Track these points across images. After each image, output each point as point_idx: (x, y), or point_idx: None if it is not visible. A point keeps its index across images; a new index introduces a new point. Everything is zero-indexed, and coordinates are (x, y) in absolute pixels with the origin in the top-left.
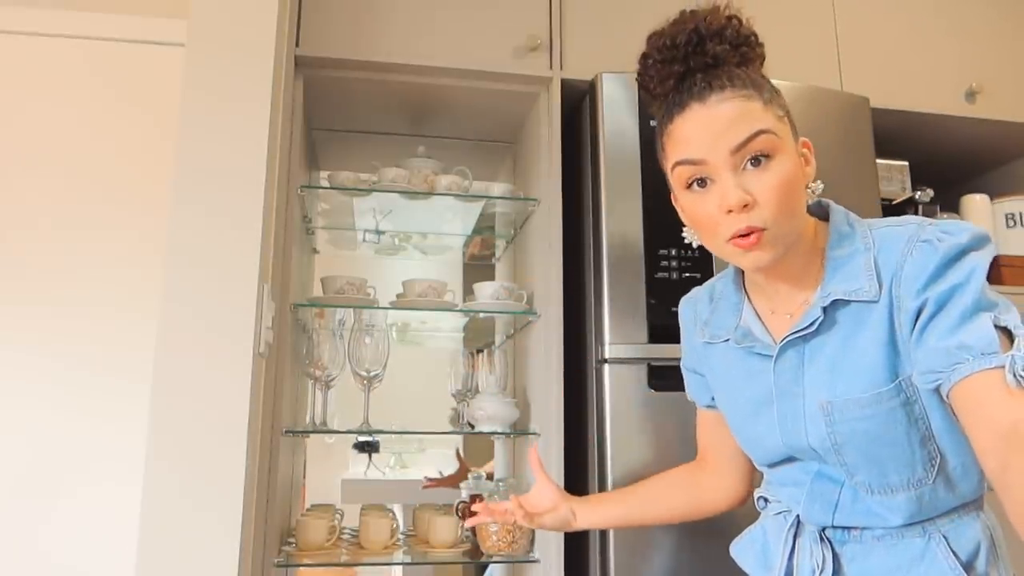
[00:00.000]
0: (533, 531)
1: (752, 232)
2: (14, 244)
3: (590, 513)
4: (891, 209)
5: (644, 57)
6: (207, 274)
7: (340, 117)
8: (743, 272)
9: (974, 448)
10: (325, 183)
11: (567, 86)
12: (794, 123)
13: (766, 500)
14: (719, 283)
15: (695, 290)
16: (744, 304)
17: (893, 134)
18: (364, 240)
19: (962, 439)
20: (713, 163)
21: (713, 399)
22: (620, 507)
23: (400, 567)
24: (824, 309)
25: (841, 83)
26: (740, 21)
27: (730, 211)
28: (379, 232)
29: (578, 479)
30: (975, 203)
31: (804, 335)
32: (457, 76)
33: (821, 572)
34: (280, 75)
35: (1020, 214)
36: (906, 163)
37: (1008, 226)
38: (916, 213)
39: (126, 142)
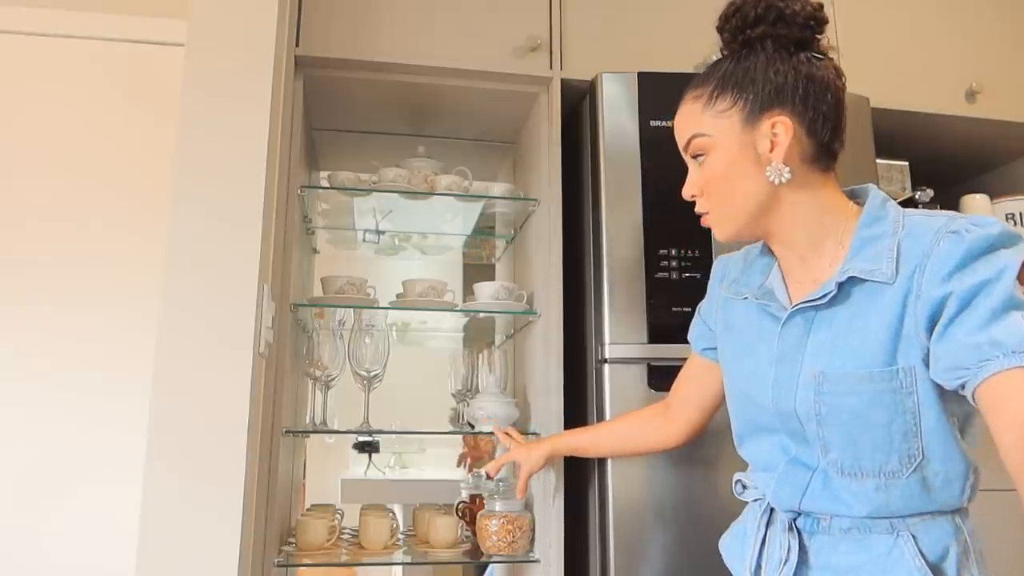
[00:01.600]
0: (533, 531)
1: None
2: (14, 244)
3: (559, 447)
4: None
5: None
6: (207, 274)
7: (340, 117)
8: None
9: (998, 444)
10: (325, 183)
11: (567, 86)
12: (764, 103)
13: (744, 485)
14: (755, 246)
15: (735, 252)
16: (774, 267)
17: (893, 134)
18: (364, 240)
19: (953, 450)
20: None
21: (707, 349)
22: (582, 439)
23: (400, 567)
24: (840, 284)
25: None
26: (753, 7)
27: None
28: (379, 232)
29: (578, 479)
30: (975, 203)
31: (816, 305)
32: (457, 76)
33: (786, 562)
34: (280, 75)
35: (1020, 214)
36: (906, 163)
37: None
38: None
39: (126, 142)
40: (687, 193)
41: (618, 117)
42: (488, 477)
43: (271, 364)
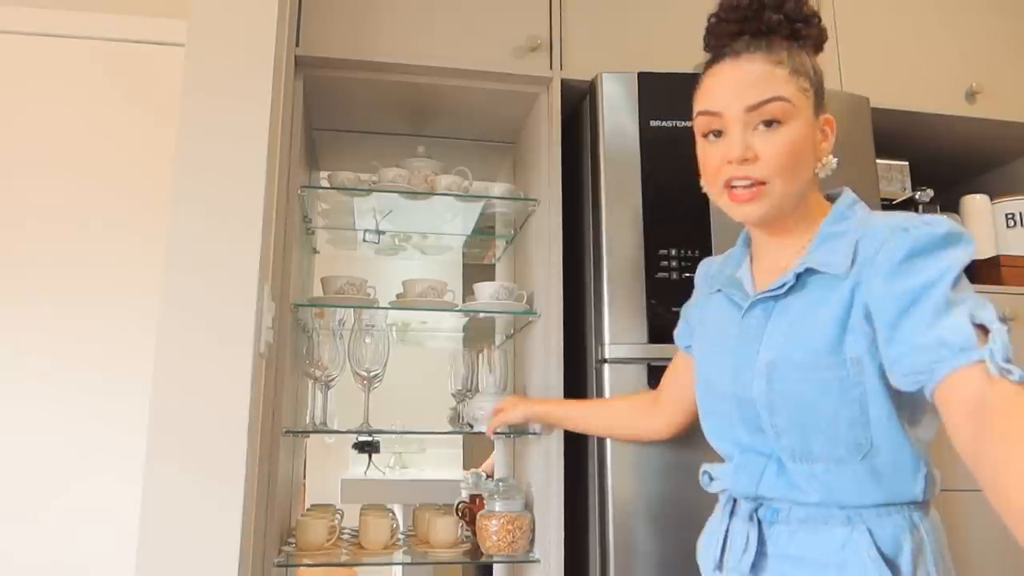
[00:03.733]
0: (533, 531)
1: (753, 184)
2: (14, 244)
3: (544, 413)
4: (891, 209)
5: (711, 16)
6: (207, 274)
7: (340, 117)
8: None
9: (949, 433)
10: (325, 183)
11: (567, 86)
12: (823, 101)
13: (711, 476)
14: (735, 247)
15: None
16: (745, 260)
17: (893, 134)
18: (364, 240)
19: (901, 438)
20: (728, 117)
21: (689, 347)
22: (571, 411)
23: (400, 567)
24: (798, 275)
25: (841, 83)
26: (805, 1)
27: (730, 162)
28: (379, 232)
29: (578, 479)
30: (975, 203)
31: (775, 296)
32: (457, 76)
33: (745, 551)
34: (280, 75)
35: (1020, 214)
36: (906, 163)
37: (1008, 226)
38: (916, 213)
39: (126, 142)
40: (740, 155)
41: (618, 117)
42: (486, 477)
43: (271, 364)
